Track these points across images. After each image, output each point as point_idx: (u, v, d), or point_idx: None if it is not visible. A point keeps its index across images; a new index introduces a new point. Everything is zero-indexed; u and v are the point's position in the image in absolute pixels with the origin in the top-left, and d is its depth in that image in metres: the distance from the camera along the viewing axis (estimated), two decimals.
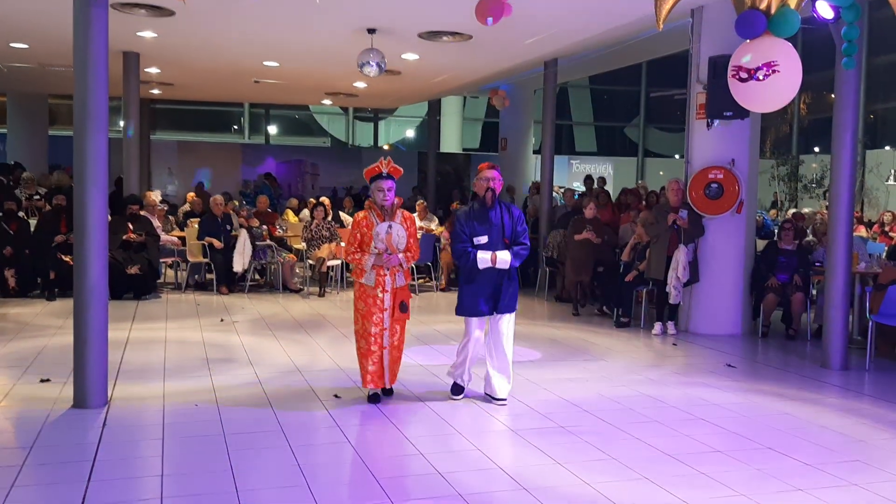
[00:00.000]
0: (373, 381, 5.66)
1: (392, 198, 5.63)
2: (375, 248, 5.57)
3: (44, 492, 4.04)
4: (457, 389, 5.94)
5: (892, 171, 15.91)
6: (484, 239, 5.66)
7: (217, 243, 10.67)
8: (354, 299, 5.70)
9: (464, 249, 5.66)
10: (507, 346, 5.80)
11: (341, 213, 13.20)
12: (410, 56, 12.01)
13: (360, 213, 5.72)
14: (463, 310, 5.79)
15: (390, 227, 5.57)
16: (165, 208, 12.43)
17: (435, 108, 19.58)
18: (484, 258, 5.61)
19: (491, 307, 5.73)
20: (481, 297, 5.70)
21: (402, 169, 5.74)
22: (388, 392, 5.85)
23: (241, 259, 10.72)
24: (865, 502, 4.10)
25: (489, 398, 5.82)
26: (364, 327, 5.63)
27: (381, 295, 5.58)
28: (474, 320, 5.78)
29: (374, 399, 5.72)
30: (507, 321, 5.78)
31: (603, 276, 9.69)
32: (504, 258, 5.63)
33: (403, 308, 5.67)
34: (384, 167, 5.65)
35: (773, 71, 5.61)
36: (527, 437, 5.06)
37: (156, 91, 17.29)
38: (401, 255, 5.62)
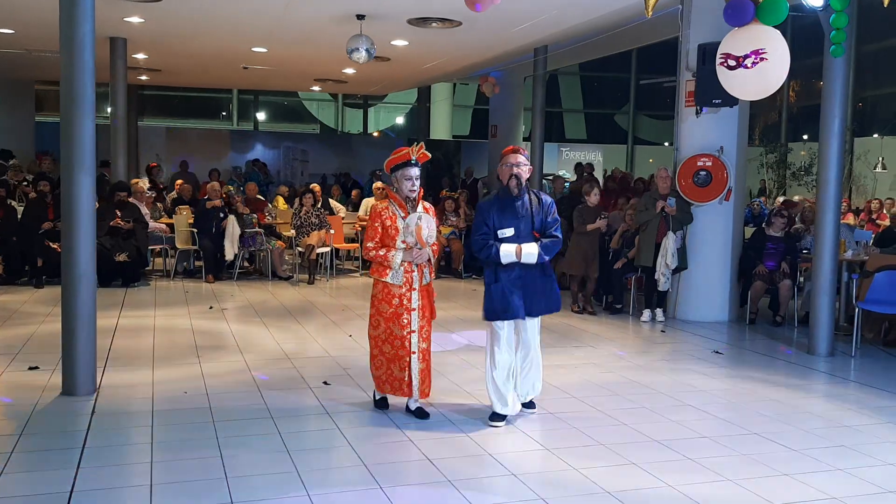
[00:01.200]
0: (399, 390, 5.05)
1: (418, 188, 5.02)
2: (403, 242, 4.96)
3: (33, 479, 4.03)
4: (498, 418, 5.04)
5: (880, 159, 15.99)
6: (509, 232, 4.97)
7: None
8: (374, 301, 5.04)
9: (484, 242, 4.97)
10: (538, 352, 5.22)
11: (331, 201, 13.17)
12: (400, 42, 11.97)
13: (380, 205, 5.07)
14: (493, 313, 4.99)
15: (420, 218, 4.92)
16: (153, 195, 12.38)
17: (425, 94, 19.55)
18: (508, 251, 4.91)
19: (525, 308, 5.00)
20: (513, 296, 4.96)
21: (429, 154, 5.16)
22: (424, 414, 5.10)
23: (231, 246, 10.70)
24: (850, 487, 4.14)
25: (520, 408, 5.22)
26: (388, 331, 5.00)
27: (408, 294, 4.98)
28: (506, 326, 5.02)
29: (382, 404, 5.26)
30: (536, 325, 5.15)
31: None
32: (530, 251, 4.92)
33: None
34: (414, 153, 5.00)
35: (762, 58, 5.63)
36: (515, 422, 5.08)
37: (143, 77, 17.18)
38: (429, 250, 5.01)
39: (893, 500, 3.99)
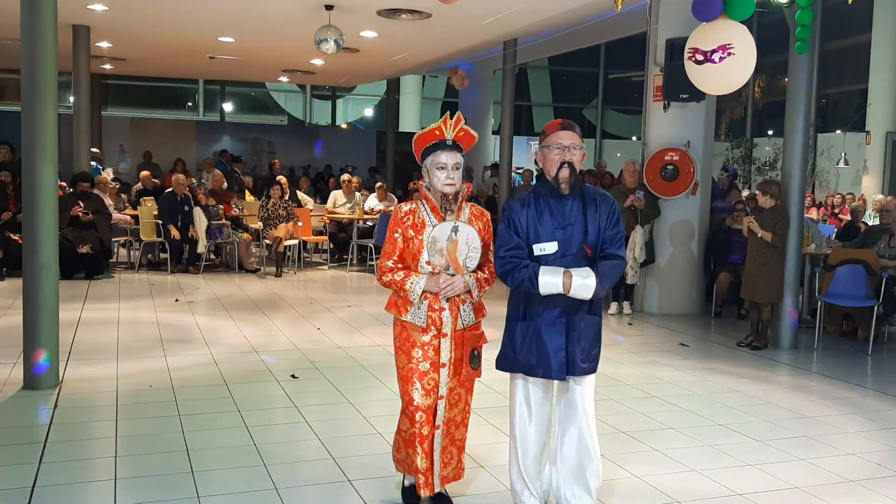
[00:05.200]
0: (424, 484, 3.47)
1: (458, 181, 3.41)
2: (427, 263, 3.39)
3: None
4: None
5: (843, 155, 16.26)
6: (551, 247, 3.30)
7: (176, 233, 10.49)
8: (395, 347, 3.53)
9: (514, 263, 3.28)
10: (589, 428, 3.45)
11: (298, 193, 13.08)
12: (369, 33, 11.91)
13: (404, 207, 3.50)
14: (514, 363, 3.40)
15: (455, 229, 3.34)
16: (117, 186, 12.22)
17: (394, 86, 19.48)
18: (551, 281, 3.21)
19: (563, 363, 3.32)
20: (546, 344, 3.31)
21: (476, 134, 3.53)
22: (442, 501, 3.58)
23: (201, 239, 10.62)
24: (813, 477, 4.21)
25: None
26: (408, 397, 3.45)
27: (435, 342, 3.41)
28: (533, 387, 3.43)
29: (410, 497, 3.64)
30: (586, 387, 3.43)
31: None
32: (585, 282, 3.22)
33: (475, 362, 3.44)
34: (449, 130, 3.42)
35: (729, 54, 5.69)
36: (483, 415, 5.09)
37: (107, 66, 16.90)
38: (469, 277, 3.40)
39: (855, 489, 4.07)
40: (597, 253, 3.33)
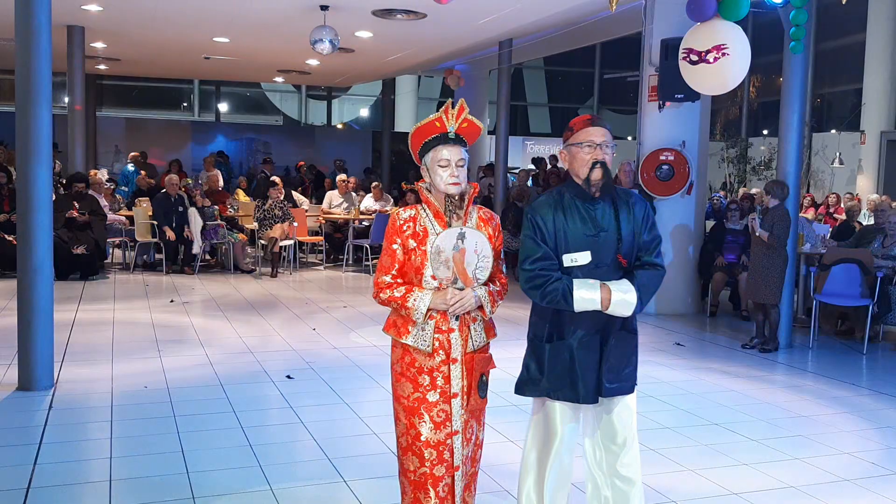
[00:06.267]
0: None
1: (464, 180, 2.95)
2: (433, 276, 2.90)
3: None
4: None
5: (837, 154, 16.29)
6: (583, 257, 2.91)
7: (171, 234, 10.48)
8: (394, 375, 3.01)
9: (545, 277, 2.89)
10: (633, 454, 3.14)
11: (294, 193, 13.07)
12: (364, 34, 11.90)
13: (403, 213, 3.00)
14: (537, 387, 3.06)
15: (462, 236, 2.87)
16: (112, 187, 12.20)
17: (389, 87, 19.50)
18: (588, 296, 2.85)
19: (594, 385, 2.97)
20: (577, 366, 2.96)
21: (481, 125, 3.07)
22: None
23: (196, 239, 10.61)
24: (808, 476, 4.22)
25: None
26: (413, 431, 2.92)
27: (444, 368, 2.93)
28: (561, 409, 3.05)
29: None
30: (626, 407, 3.07)
31: None
32: (625, 297, 2.88)
33: (482, 389, 2.99)
34: (451, 121, 2.98)
35: (723, 54, 5.70)
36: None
37: (102, 66, 16.87)
38: (481, 291, 2.92)
39: (849, 488, 4.08)
40: (632, 263, 2.96)
